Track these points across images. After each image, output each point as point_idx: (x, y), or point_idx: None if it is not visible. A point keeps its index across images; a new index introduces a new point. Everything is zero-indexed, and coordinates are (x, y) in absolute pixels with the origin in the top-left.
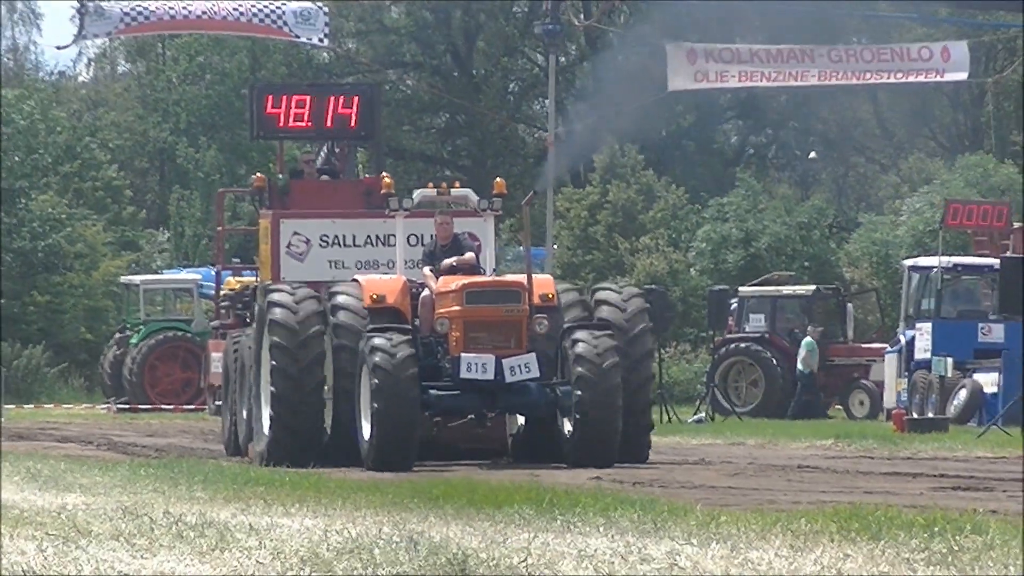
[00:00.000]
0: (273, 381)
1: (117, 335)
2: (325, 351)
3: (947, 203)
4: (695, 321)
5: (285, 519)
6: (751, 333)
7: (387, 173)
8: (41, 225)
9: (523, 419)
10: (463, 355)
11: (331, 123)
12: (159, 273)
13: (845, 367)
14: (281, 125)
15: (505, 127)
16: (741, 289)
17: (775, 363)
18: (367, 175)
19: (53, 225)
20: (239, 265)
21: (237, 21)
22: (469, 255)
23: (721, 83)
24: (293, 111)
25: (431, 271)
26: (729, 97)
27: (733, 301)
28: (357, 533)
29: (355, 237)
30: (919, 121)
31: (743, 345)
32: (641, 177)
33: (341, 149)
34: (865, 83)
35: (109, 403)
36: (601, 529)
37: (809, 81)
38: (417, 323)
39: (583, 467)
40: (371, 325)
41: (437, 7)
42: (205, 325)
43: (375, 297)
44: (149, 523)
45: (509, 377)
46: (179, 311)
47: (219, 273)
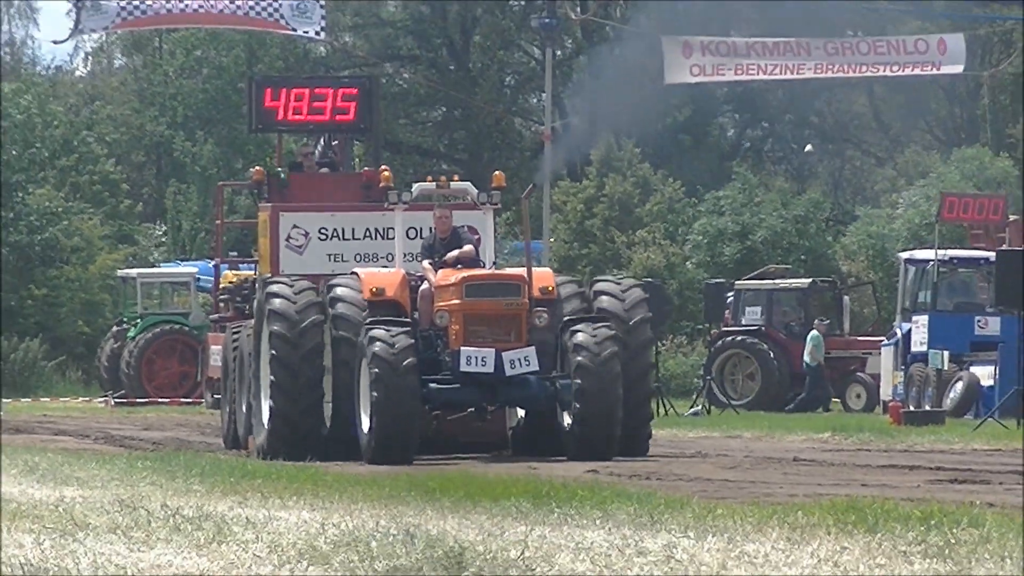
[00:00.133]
0: (272, 370)
1: (114, 329)
2: (324, 341)
3: (943, 196)
4: (691, 314)
5: (282, 512)
6: (747, 326)
7: (386, 166)
8: (38, 219)
9: (523, 412)
10: (463, 348)
11: (330, 116)
12: (156, 267)
13: (842, 360)
14: (280, 118)
15: (501, 121)
16: (737, 282)
17: (771, 356)
18: (366, 168)
19: (50, 219)
20: (237, 258)
21: (234, 15)
22: (469, 248)
23: (717, 76)
24: (292, 104)
25: (430, 264)
26: (725, 91)
27: (729, 294)
28: (354, 526)
29: (354, 230)
30: (915, 114)
31: (739, 338)
32: (637, 171)
33: (339, 142)
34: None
35: (106, 396)
36: (598, 522)
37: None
38: (416, 316)
39: (583, 460)
40: (370, 318)
41: (433, 1)
42: (202, 318)
43: (374, 290)
44: (146, 516)
45: (509, 370)
46: (176, 305)
47: (218, 266)
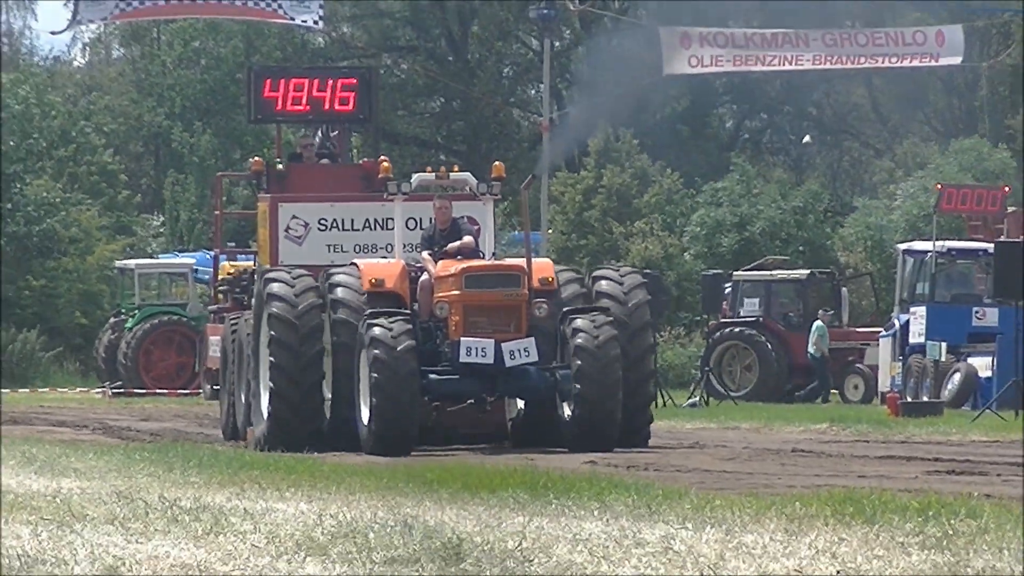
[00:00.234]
0: (272, 351)
1: (112, 319)
2: (323, 324)
3: (941, 187)
4: (690, 305)
5: (280, 503)
6: (746, 317)
7: (385, 157)
8: (36, 210)
9: (523, 403)
10: (462, 339)
11: (329, 106)
12: (154, 257)
13: (840, 351)
14: (279, 108)
15: (500, 111)
16: (736, 273)
17: (769, 347)
18: (365, 159)
19: (48, 210)
20: (235, 249)
21: (232, 5)
22: (469, 239)
23: (716, 67)
24: (291, 94)
25: (430, 255)
26: (724, 81)
27: (728, 285)
28: (352, 517)
29: (354, 221)
30: (913, 105)
31: (737, 329)
32: (636, 161)
33: (338, 133)
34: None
35: (104, 387)
36: (596, 513)
37: (804, 65)
38: (416, 307)
39: (584, 449)
40: (370, 309)
41: None
42: (200, 309)
43: (374, 281)
44: (144, 507)
45: (509, 361)
46: (174, 295)
47: (216, 257)
